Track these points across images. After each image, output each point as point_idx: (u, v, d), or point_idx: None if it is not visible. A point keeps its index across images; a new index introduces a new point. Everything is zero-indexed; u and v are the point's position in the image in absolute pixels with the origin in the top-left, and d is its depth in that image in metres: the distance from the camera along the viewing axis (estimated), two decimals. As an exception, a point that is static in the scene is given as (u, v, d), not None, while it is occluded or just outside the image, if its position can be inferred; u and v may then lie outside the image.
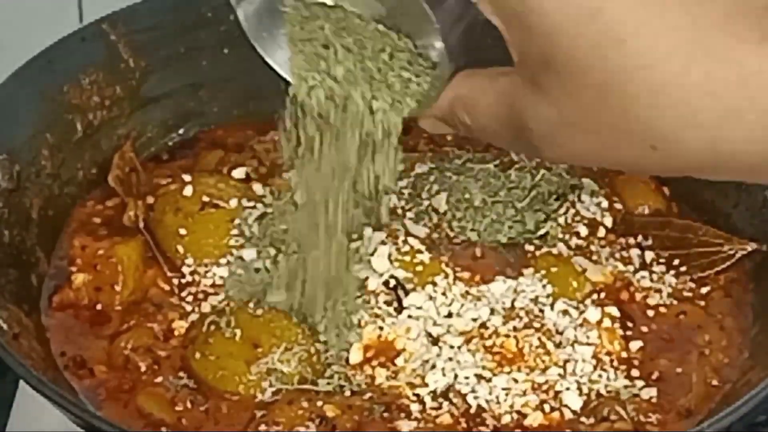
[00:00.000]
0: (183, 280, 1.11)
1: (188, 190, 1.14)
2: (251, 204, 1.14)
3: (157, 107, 1.25)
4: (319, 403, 0.99)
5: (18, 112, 1.14)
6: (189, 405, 1.01)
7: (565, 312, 1.06)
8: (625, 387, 1.03)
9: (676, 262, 1.13)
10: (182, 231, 1.12)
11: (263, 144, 1.23)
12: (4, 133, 1.12)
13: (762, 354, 1.04)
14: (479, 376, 1.02)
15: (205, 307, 1.08)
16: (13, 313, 1.03)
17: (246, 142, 1.25)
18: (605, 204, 1.16)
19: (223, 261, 1.11)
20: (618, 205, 1.17)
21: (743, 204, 1.15)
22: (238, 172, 1.19)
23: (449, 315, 1.06)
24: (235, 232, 1.13)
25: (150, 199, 1.16)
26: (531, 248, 1.12)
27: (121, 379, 1.04)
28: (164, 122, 1.26)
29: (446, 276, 1.09)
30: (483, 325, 1.05)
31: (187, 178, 1.16)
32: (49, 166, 1.15)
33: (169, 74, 1.26)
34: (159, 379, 1.03)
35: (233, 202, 1.14)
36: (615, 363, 1.04)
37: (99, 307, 1.09)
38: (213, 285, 1.10)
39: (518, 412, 1.00)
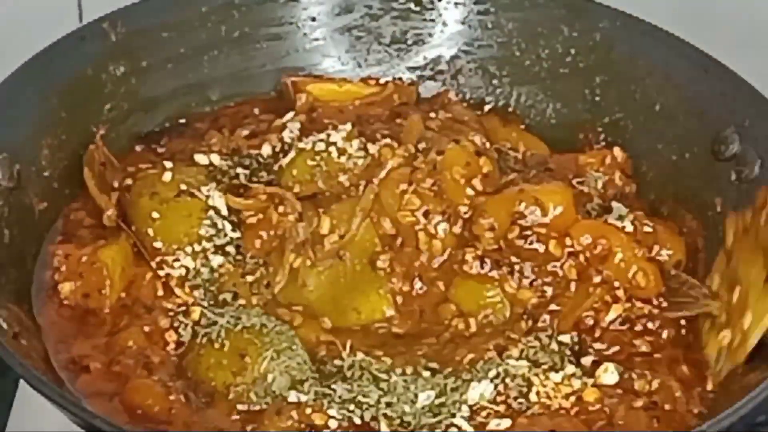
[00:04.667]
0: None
1: (167, 176, 1.14)
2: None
3: (158, 107, 1.25)
4: (308, 411, 0.99)
5: (18, 111, 1.14)
6: (182, 398, 1.01)
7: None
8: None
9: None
10: (155, 215, 1.12)
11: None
12: (4, 132, 1.12)
13: (761, 355, 1.04)
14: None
15: (195, 314, 1.08)
16: (13, 312, 1.03)
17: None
18: None
19: (188, 250, 1.11)
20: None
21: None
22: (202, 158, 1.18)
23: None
24: (207, 222, 1.12)
25: (129, 181, 1.15)
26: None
27: (116, 380, 1.03)
28: (164, 122, 1.26)
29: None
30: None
31: (168, 164, 1.15)
32: (49, 165, 1.15)
33: (169, 74, 1.26)
34: (155, 378, 1.03)
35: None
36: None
37: (89, 312, 1.08)
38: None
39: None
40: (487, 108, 1.30)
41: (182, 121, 1.26)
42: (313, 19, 1.31)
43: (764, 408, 1.09)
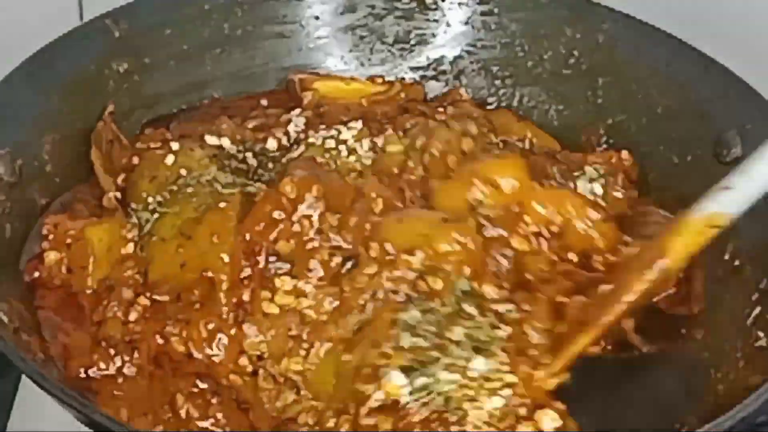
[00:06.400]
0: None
1: (170, 159, 1.13)
2: None
3: (160, 104, 1.25)
4: None
5: (20, 107, 1.14)
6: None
7: None
8: None
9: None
10: (149, 200, 1.11)
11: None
12: (6, 128, 1.11)
13: (762, 357, 1.04)
14: None
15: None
16: (13, 307, 1.03)
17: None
18: None
19: None
20: None
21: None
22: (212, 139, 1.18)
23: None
24: None
25: (135, 160, 1.15)
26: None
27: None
28: (166, 119, 1.26)
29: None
30: None
31: (174, 146, 1.15)
32: (51, 160, 1.15)
33: (172, 71, 1.26)
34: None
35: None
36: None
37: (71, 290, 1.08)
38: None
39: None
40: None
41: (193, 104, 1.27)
42: (317, 18, 1.31)
43: (765, 409, 1.09)
